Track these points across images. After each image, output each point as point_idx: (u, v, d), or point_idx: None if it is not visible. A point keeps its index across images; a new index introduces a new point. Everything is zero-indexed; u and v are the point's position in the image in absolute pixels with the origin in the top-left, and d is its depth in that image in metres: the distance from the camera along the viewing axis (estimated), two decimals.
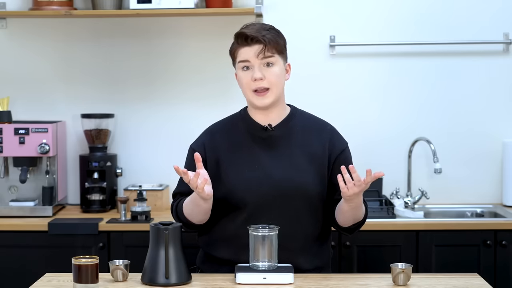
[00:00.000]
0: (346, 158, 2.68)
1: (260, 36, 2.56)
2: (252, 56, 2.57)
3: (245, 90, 2.60)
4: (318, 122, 2.73)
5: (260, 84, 2.57)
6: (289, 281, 2.44)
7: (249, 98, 2.61)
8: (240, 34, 2.59)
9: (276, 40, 2.59)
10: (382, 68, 4.04)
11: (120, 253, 3.51)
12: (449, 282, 2.51)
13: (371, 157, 4.01)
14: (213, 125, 2.75)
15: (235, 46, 2.62)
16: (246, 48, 2.58)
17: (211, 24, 4.04)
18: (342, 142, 2.70)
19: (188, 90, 4.07)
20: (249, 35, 2.56)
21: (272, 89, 2.58)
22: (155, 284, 2.42)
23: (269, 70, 2.58)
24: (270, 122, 2.64)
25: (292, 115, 2.68)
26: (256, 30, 2.58)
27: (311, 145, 2.63)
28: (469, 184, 4.05)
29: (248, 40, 2.57)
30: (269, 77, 2.57)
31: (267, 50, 2.56)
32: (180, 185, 2.68)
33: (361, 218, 2.64)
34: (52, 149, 3.78)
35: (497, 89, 4.04)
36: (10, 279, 3.59)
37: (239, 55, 2.60)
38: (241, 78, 2.60)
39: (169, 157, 4.01)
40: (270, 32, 2.59)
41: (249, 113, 2.68)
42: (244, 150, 2.63)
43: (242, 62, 2.59)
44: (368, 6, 4.03)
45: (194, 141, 2.73)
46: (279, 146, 2.60)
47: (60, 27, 4.07)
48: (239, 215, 2.59)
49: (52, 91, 4.09)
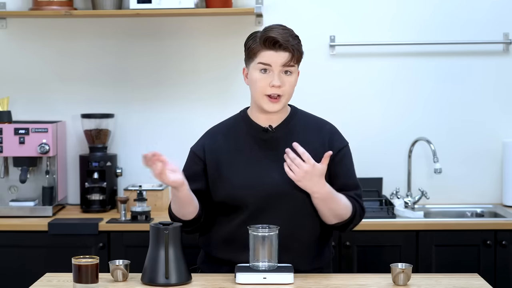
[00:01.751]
0: (344, 156, 2.67)
1: (290, 45, 2.54)
2: (277, 63, 2.54)
3: (258, 93, 2.58)
4: (318, 121, 2.72)
5: (277, 91, 2.56)
6: (289, 281, 2.44)
7: (259, 102, 2.59)
8: (269, 38, 2.53)
9: (300, 51, 2.59)
10: (382, 68, 4.04)
11: (120, 253, 3.51)
12: (449, 282, 2.51)
13: (371, 157, 4.01)
14: (215, 127, 2.75)
15: (257, 46, 2.56)
16: (272, 53, 2.55)
17: (211, 24, 4.05)
18: (341, 141, 2.69)
19: (188, 90, 4.07)
20: (280, 41, 2.53)
21: (285, 96, 2.58)
22: (155, 284, 2.42)
23: (288, 79, 2.57)
24: (271, 123, 2.64)
25: (292, 115, 2.68)
26: (285, 37, 2.54)
27: (312, 145, 2.62)
28: (469, 184, 4.05)
29: (277, 46, 2.54)
30: (285, 85, 2.56)
31: (292, 60, 2.55)
32: None
33: (346, 217, 2.60)
34: (52, 149, 3.78)
35: (497, 89, 4.04)
36: (10, 279, 3.59)
37: (261, 56, 2.56)
38: (257, 80, 2.57)
39: (169, 157, 3.98)
40: (296, 40, 2.58)
41: (250, 114, 2.68)
42: (246, 151, 2.63)
43: (263, 64, 2.56)
44: (368, 6, 4.03)
45: (194, 144, 2.73)
46: (280, 147, 2.59)
47: (60, 27, 4.07)
48: (239, 216, 2.59)
49: (52, 91, 4.09)
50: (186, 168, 2.68)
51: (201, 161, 2.66)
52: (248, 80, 2.62)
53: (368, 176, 3.98)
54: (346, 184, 2.65)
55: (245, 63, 2.65)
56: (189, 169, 2.67)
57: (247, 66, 2.63)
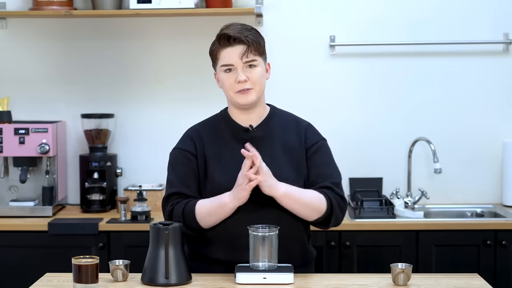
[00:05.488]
0: (319, 149, 2.66)
1: (243, 37, 2.57)
2: (236, 59, 2.57)
3: (228, 91, 2.61)
4: (296, 119, 2.74)
5: (244, 85, 2.58)
6: (289, 281, 2.44)
7: (232, 98, 2.62)
8: (222, 35, 2.59)
9: (258, 41, 2.60)
10: (382, 68, 4.04)
11: (120, 253, 3.51)
12: (449, 282, 2.51)
13: (371, 157, 4.01)
14: (195, 126, 2.75)
15: (216, 47, 2.62)
16: (229, 49, 2.58)
17: (211, 24, 4.04)
18: (317, 136, 2.70)
19: (188, 90, 4.07)
20: (232, 35, 2.57)
21: (255, 88, 2.60)
22: (155, 284, 2.42)
23: (252, 71, 2.59)
24: (251, 122, 2.66)
25: (271, 114, 2.70)
26: (238, 31, 2.58)
27: (290, 143, 2.65)
28: (469, 184, 4.05)
29: (231, 41, 2.57)
30: (252, 78, 2.58)
31: (250, 52, 2.57)
32: (175, 186, 2.64)
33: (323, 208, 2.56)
34: (52, 149, 3.78)
35: (497, 89, 4.04)
36: (10, 279, 3.59)
37: (221, 57, 2.60)
38: (224, 79, 2.61)
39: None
40: (252, 33, 2.60)
41: (230, 114, 2.70)
42: (228, 150, 2.63)
43: (225, 65, 2.59)
44: (368, 6, 4.03)
45: (177, 143, 2.71)
46: (261, 146, 2.59)
47: (60, 27, 4.07)
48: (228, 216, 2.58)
49: (52, 91, 4.09)
50: (180, 169, 2.64)
51: (193, 157, 2.65)
52: (220, 83, 2.65)
53: (368, 176, 3.98)
54: (321, 173, 2.63)
55: (213, 68, 2.68)
56: (185, 169, 2.64)
57: (215, 70, 2.67)
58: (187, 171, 2.64)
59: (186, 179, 2.63)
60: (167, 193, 2.65)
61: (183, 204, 2.59)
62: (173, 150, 2.71)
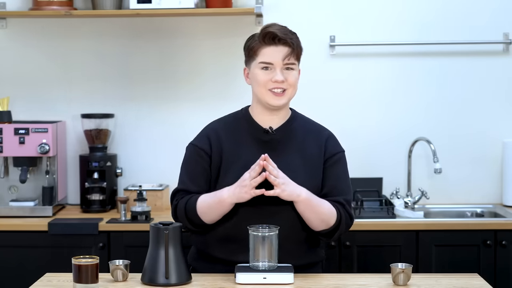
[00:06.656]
0: (337, 161, 2.65)
1: (288, 39, 2.57)
2: (278, 59, 2.56)
3: (261, 88, 2.58)
4: (317, 126, 2.73)
5: (280, 85, 2.57)
6: (289, 281, 2.44)
7: (263, 97, 2.59)
8: (268, 33, 2.56)
9: (300, 47, 2.62)
10: (382, 68, 4.04)
11: (120, 253, 3.51)
12: (449, 282, 2.51)
13: (371, 157, 4.01)
14: (214, 122, 2.73)
15: (257, 44, 2.59)
16: (272, 48, 2.57)
17: (211, 24, 4.05)
18: (337, 147, 2.69)
19: (188, 90, 4.07)
20: (279, 35, 2.55)
21: (289, 90, 2.59)
22: (155, 284, 2.42)
23: (290, 73, 2.59)
24: (272, 124, 2.64)
25: (293, 118, 2.68)
26: (284, 32, 2.58)
27: (309, 149, 2.63)
28: (469, 184, 4.05)
29: (276, 40, 2.56)
30: (289, 80, 2.58)
31: (292, 55, 2.57)
32: (183, 182, 2.65)
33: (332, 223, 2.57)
34: (52, 149, 3.78)
35: (497, 89, 4.04)
36: (10, 279, 3.59)
37: (262, 54, 2.58)
38: (259, 75, 2.58)
39: (169, 157, 4.01)
40: (295, 37, 2.61)
41: (252, 113, 2.67)
42: (245, 150, 2.62)
43: (264, 63, 2.57)
44: (368, 6, 4.03)
45: (196, 139, 2.70)
46: (279, 150, 2.59)
47: (60, 27, 4.07)
48: (234, 215, 2.59)
49: (52, 91, 4.09)
50: (192, 166, 2.65)
51: (207, 156, 2.64)
52: (250, 79, 2.63)
53: (368, 176, 3.98)
54: (335, 187, 2.63)
55: (245, 63, 2.66)
56: (196, 166, 2.65)
57: (248, 66, 2.64)
58: (197, 169, 2.63)
59: (195, 177, 2.63)
60: (175, 188, 2.68)
61: (186, 199, 2.61)
62: (189, 145, 2.70)
